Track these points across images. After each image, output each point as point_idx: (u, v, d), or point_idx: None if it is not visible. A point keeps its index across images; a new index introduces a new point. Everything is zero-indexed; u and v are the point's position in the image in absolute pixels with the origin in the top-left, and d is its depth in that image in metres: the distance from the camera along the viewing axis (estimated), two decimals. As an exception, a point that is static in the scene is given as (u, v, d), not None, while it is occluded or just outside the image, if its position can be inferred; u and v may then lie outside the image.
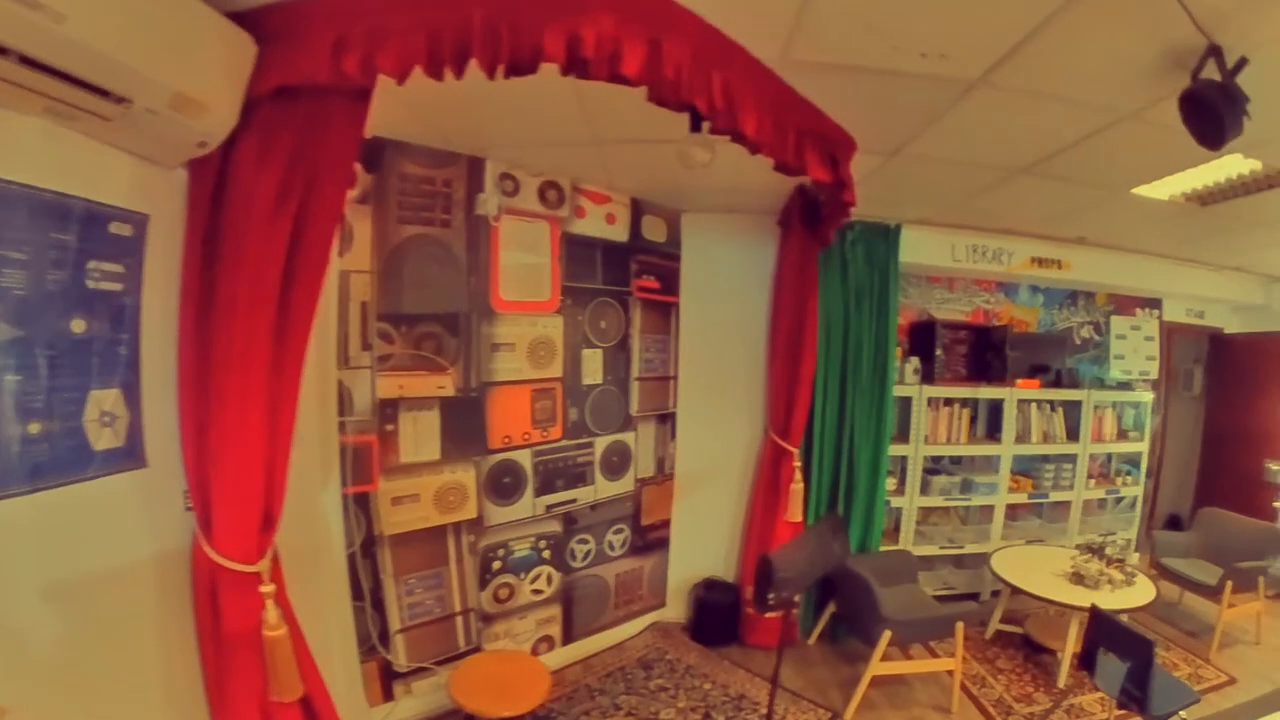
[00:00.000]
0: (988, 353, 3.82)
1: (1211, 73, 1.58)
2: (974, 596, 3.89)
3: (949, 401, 3.73)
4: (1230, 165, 2.54)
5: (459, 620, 2.83)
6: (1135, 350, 4.55)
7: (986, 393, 3.80)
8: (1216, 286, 4.51)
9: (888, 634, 2.82)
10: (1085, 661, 2.50)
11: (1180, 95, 1.63)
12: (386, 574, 2.62)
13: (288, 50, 1.53)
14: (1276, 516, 4.28)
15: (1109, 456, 4.30)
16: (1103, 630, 2.48)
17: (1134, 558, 4.34)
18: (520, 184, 2.81)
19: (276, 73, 1.53)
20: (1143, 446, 4.22)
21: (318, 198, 1.58)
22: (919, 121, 2.23)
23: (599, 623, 3.30)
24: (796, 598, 3.26)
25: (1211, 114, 1.61)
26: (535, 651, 3.08)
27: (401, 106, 2.22)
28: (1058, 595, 3.15)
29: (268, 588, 1.70)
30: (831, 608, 3.37)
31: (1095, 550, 3.50)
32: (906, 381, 3.68)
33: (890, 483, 3.63)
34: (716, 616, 3.34)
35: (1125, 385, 4.31)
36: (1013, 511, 4.08)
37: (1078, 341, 4.40)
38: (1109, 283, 4.19)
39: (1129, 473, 4.25)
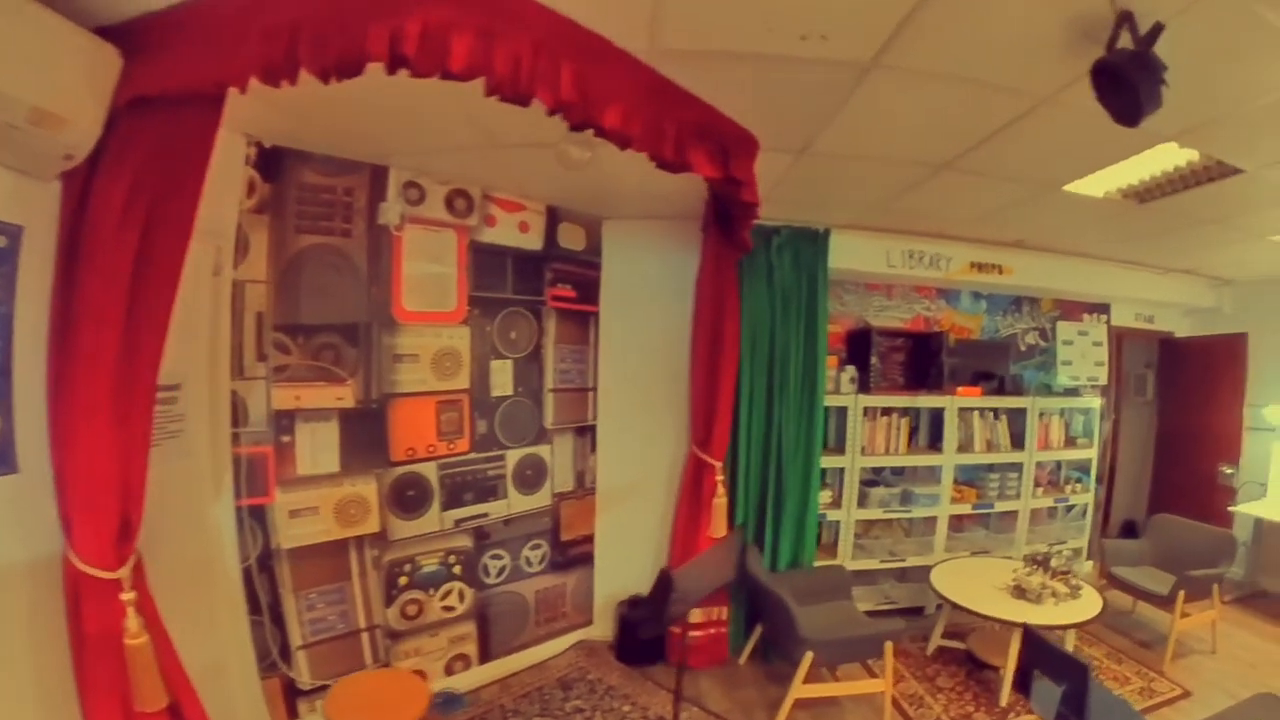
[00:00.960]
0: (925, 361, 3.99)
1: (1127, 44, 1.56)
2: (919, 611, 4.03)
3: (887, 411, 3.90)
4: (1165, 157, 2.61)
5: (365, 637, 2.97)
6: (1083, 356, 4.75)
7: (925, 401, 3.98)
8: (1165, 290, 4.71)
9: (809, 655, 2.91)
10: (1021, 683, 2.55)
11: (1092, 67, 1.60)
12: (285, 588, 2.76)
13: (145, 61, 1.71)
14: (1231, 521, 4.45)
15: (1058, 464, 4.47)
16: (1036, 652, 2.49)
17: (1086, 567, 4.50)
18: (426, 192, 3.01)
19: (135, 84, 1.71)
20: (1092, 453, 4.39)
21: (166, 208, 1.75)
22: (820, 112, 2.31)
23: (519, 641, 3.43)
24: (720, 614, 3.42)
25: (1125, 85, 1.56)
26: (450, 670, 3.22)
27: (290, 115, 2.41)
28: (997, 611, 3.28)
29: (128, 595, 1.84)
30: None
31: (1040, 562, 3.65)
32: (843, 391, 3.85)
33: (825, 495, 3.78)
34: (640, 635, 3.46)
35: (1072, 391, 4.48)
36: (958, 522, 4.23)
37: (1023, 348, 4.60)
38: (1053, 287, 4.39)
39: (1079, 480, 4.41)
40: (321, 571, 2.83)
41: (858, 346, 3.98)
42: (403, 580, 3.01)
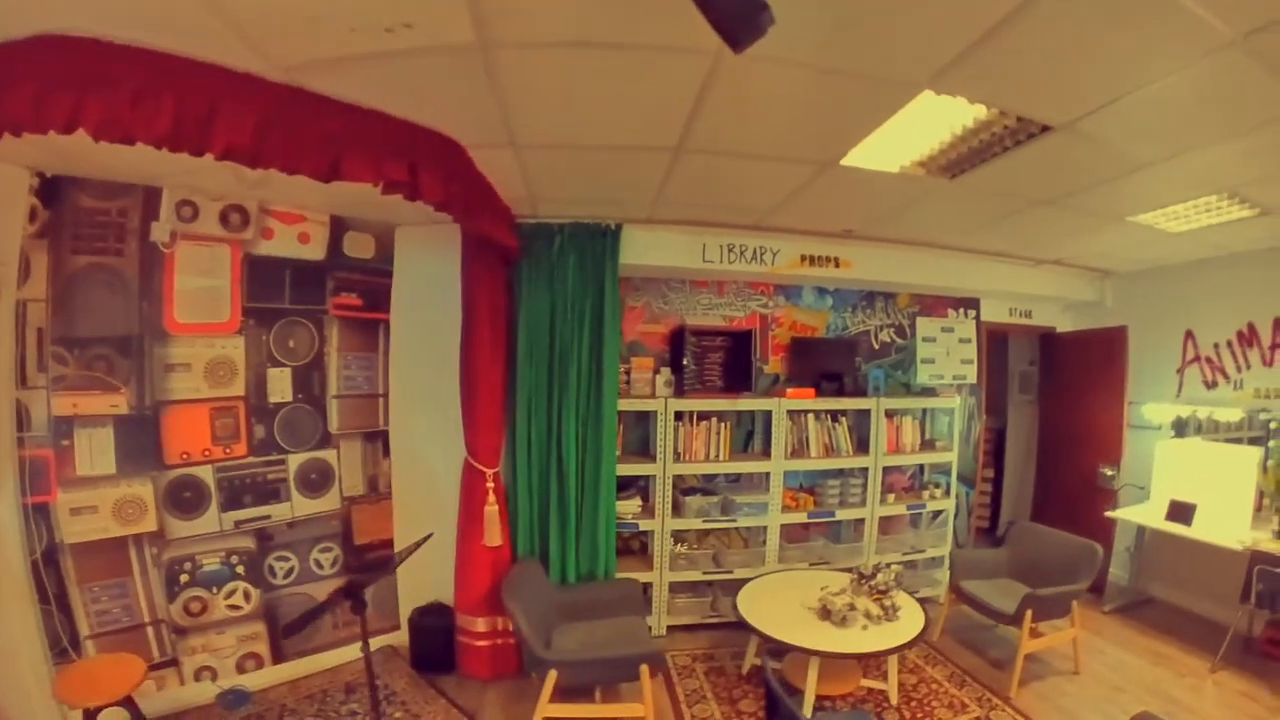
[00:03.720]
0: (749, 361, 4.41)
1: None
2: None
3: (705, 415, 4.36)
4: (949, 114, 2.73)
5: (150, 630, 3.73)
6: (948, 353, 5.08)
7: (747, 405, 4.41)
8: (1040, 283, 5.02)
9: (553, 674, 3.43)
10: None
11: None
12: (71, 581, 3.58)
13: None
14: (1112, 526, 4.64)
15: (920, 468, 4.76)
16: (773, 697, 2.80)
17: (946, 577, 4.76)
18: (200, 209, 3.78)
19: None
20: (951, 456, 4.66)
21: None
22: (484, 102, 2.70)
23: (315, 643, 4.14)
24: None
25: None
26: (241, 668, 3.95)
27: (64, 148, 3.12)
28: (794, 635, 3.69)
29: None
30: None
31: (866, 577, 4.01)
32: (659, 394, 4.33)
33: (633, 505, 4.28)
34: (434, 643, 4.10)
35: (928, 391, 4.77)
36: (802, 532, 4.66)
37: (876, 346, 4.95)
38: (904, 281, 4.80)
39: (937, 485, 4.68)
40: (103, 566, 3.63)
41: (678, 348, 4.43)
42: (184, 578, 3.77)
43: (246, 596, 3.99)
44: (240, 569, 3.96)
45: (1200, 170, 3.35)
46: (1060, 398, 5.77)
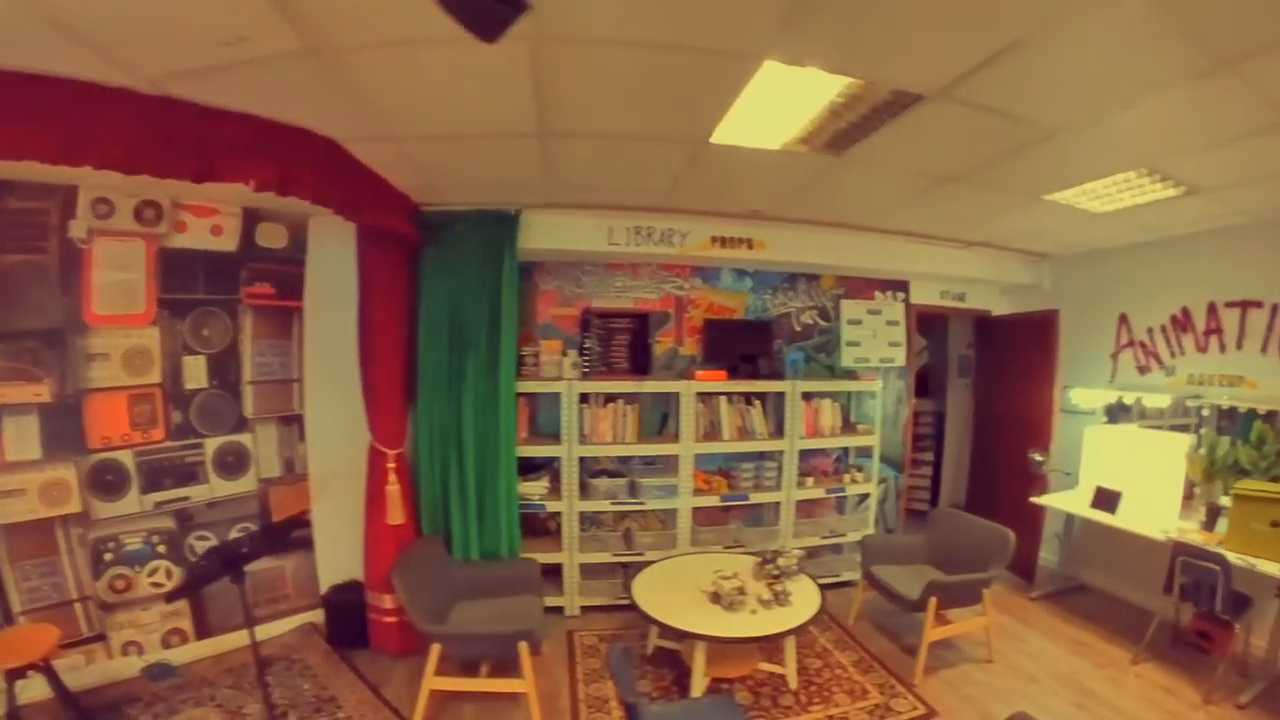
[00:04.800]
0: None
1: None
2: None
3: (611, 397, 4.59)
4: (810, 87, 2.82)
5: (78, 607, 4.16)
6: (874, 336, 5.23)
7: (651, 386, 4.63)
8: (972, 266, 5.15)
9: (436, 647, 3.81)
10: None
11: None
12: (3, 560, 4.01)
13: None
14: (1043, 514, 4.72)
15: (845, 452, 4.88)
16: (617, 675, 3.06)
17: None
18: (116, 206, 4.19)
19: None
20: (873, 440, 4.77)
21: None
22: (341, 100, 3.01)
23: (237, 620, 4.50)
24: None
25: None
26: (166, 643, 4.36)
27: None
28: (679, 619, 3.92)
29: None
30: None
31: (768, 560, 4.20)
32: (565, 376, 4.58)
33: (540, 485, 4.53)
34: (349, 619, 4.44)
35: (851, 374, 4.88)
36: (722, 515, 4.82)
37: (797, 328, 5.09)
38: (825, 263, 4.99)
39: (859, 469, 4.80)
40: (33, 546, 4.10)
41: (587, 330, 4.67)
42: (108, 556, 4.21)
43: (168, 574, 4.42)
44: (161, 548, 4.39)
45: (1111, 143, 3.47)
46: (994, 382, 5.96)
